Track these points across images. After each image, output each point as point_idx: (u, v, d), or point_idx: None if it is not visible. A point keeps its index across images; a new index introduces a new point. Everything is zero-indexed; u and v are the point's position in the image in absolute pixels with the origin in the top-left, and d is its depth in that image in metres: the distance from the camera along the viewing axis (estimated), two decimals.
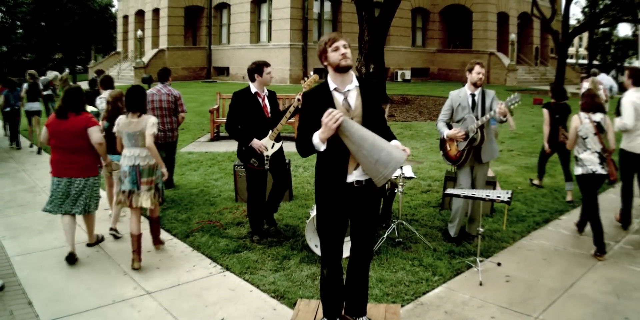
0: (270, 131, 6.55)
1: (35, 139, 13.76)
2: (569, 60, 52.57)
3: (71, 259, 6.28)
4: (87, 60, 47.75)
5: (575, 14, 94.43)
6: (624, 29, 73.59)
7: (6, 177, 10.54)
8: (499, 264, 6.11)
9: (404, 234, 6.93)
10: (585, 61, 58.35)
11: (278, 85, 30.36)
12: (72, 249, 6.34)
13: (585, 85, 14.57)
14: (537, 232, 7.30)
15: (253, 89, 6.57)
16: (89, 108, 7.85)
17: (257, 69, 6.53)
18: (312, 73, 6.40)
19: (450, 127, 6.67)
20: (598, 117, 6.74)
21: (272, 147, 6.59)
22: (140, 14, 42.29)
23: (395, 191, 7.08)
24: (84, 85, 14.92)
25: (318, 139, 3.86)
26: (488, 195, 5.73)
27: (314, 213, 6.09)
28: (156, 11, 39.27)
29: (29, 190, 9.49)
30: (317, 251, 6.12)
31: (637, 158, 7.23)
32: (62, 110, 6.36)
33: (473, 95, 6.56)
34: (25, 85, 14.26)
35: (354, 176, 4.08)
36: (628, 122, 7.05)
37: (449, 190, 6.14)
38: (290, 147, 7.81)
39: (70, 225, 6.44)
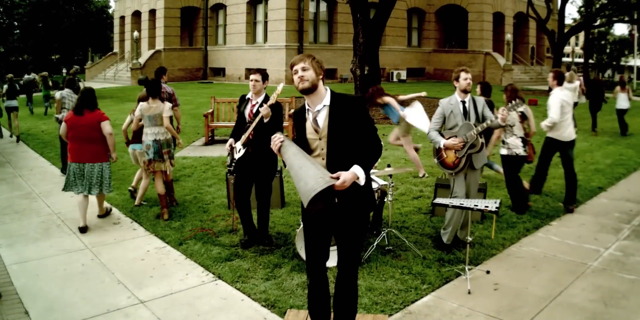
0: (243, 136, 6.66)
1: (14, 130, 16.29)
2: (565, 59, 52.64)
3: (83, 230, 7.67)
4: (84, 61, 47.72)
5: (572, 14, 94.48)
6: (620, 28, 73.57)
7: (3, 183, 10.60)
8: (487, 272, 6.16)
9: (394, 242, 6.98)
10: (581, 60, 58.39)
11: (274, 86, 30.25)
12: (83, 223, 7.72)
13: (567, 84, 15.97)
14: (527, 239, 7.34)
15: (249, 94, 6.88)
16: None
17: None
18: (280, 85, 6.39)
19: (442, 135, 6.76)
20: (522, 107, 7.57)
21: (238, 152, 6.70)
22: (136, 14, 42.26)
23: (385, 200, 7.14)
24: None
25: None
26: (476, 205, 5.77)
27: None
28: (152, 12, 39.27)
29: (26, 197, 9.54)
30: None
31: (564, 144, 8.67)
32: (79, 108, 7.80)
33: (464, 102, 6.65)
34: (5, 86, 17.23)
35: None
36: (555, 116, 8.41)
37: (438, 200, 6.18)
38: None
39: (83, 203, 7.84)
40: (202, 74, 38.75)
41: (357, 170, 3.95)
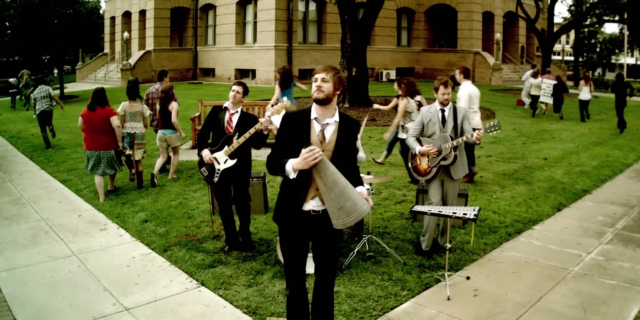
0: (226, 146, 6.76)
1: None
2: (555, 58, 52.75)
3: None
4: (75, 62, 47.52)
5: (562, 13, 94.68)
6: (611, 27, 73.74)
7: None
8: (468, 278, 6.20)
9: (375, 248, 7.03)
10: (571, 58, 58.62)
11: (263, 86, 30.34)
12: (102, 200, 9.48)
13: (546, 80, 20.80)
14: (508, 244, 7.36)
15: (226, 104, 6.99)
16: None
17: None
18: (284, 98, 6.56)
19: (420, 142, 6.87)
20: (418, 97, 10.05)
21: (224, 162, 6.81)
22: (127, 15, 42.12)
23: None
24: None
25: (291, 167, 3.97)
26: (455, 213, 5.84)
27: None
28: (142, 13, 39.13)
29: (15, 202, 9.55)
30: None
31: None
32: (92, 105, 9.45)
33: (443, 111, 6.76)
34: None
35: (310, 205, 4.20)
36: (463, 106, 9.15)
37: (416, 207, 6.26)
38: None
39: (100, 183, 9.58)
40: (192, 75, 38.63)
41: (364, 191, 4.27)
